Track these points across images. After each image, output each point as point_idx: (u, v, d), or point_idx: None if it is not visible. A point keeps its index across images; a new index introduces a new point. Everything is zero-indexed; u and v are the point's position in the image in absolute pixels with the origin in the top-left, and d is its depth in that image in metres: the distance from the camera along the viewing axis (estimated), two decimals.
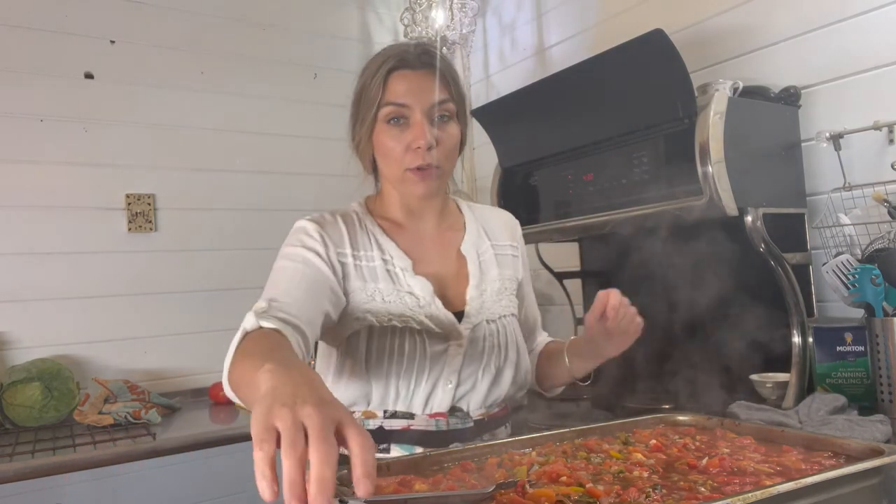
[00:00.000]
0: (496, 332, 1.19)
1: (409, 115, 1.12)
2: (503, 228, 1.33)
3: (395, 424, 1.12)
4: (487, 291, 1.22)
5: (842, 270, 1.46)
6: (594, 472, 0.87)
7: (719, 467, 0.87)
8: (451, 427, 1.12)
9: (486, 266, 1.25)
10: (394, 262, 1.17)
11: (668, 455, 0.94)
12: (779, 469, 0.85)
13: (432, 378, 1.12)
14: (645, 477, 0.85)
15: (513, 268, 1.30)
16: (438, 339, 1.13)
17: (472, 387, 1.15)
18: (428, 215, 1.24)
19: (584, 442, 1.02)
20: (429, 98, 1.11)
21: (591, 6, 2.37)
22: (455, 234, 1.27)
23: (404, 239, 1.21)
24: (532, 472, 0.86)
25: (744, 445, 0.97)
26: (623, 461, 0.91)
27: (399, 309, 1.13)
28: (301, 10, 2.78)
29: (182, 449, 1.82)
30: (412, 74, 1.12)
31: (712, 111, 1.46)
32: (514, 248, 1.33)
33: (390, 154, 1.13)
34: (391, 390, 1.11)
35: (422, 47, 1.16)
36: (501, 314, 1.22)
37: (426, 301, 1.15)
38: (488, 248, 1.27)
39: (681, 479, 0.83)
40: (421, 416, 1.12)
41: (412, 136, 1.11)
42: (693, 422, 1.12)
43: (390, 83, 1.12)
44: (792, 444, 0.96)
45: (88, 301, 2.29)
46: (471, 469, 0.90)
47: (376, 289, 1.14)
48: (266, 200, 2.59)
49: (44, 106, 2.26)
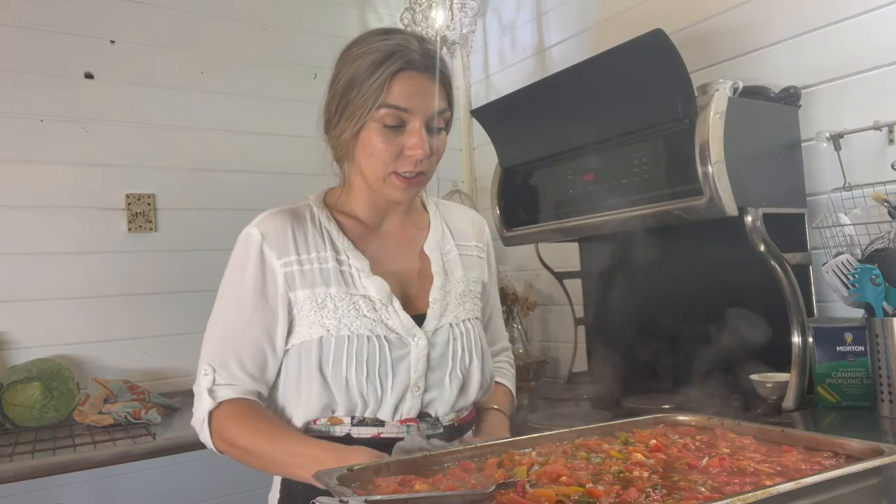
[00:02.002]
0: (460, 335, 1.15)
1: (408, 120, 1.07)
2: (469, 227, 1.29)
3: (364, 433, 1.08)
4: (451, 293, 1.18)
5: (842, 270, 1.46)
6: (594, 472, 0.87)
7: (719, 467, 0.86)
8: (423, 433, 1.09)
9: (451, 266, 1.21)
10: (349, 263, 1.12)
11: (668, 455, 0.94)
12: (779, 469, 0.85)
13: (399, 385, 1.08)
14: (645, 477, 0.84)
15: (478, 269, 1.26)
16: (398, 344, 1.09)
17: (440, 393, 1.12)
18: (393, 215, 1.21)
19: (584, 442, 1.01)
20: (431, 106, 1.07)
21: (591, 6, 2.37)
22: (418, 233, 1.23)
23: (363, 237, 1.17)
24: (532, 473, 0.86)
25: (744, 445, 0.97)
26: (623, 461, 0.91)
27: (351, 316, 1.08)
28: (301, 10, 2.78)
29: (182, 449, 1.81)
30: (418, 78, 1.06)
31: (712, 111, 1.46)
32: (479, 249, 1.29)
33: (378, 155, 1.08)
34: (356, 399, 1.07)
35: (424, 45, 1.09)
36: (465, 317, 1.18)
37: (382, 304, 1.10)
38: (452, 247, 1.23)
39: (681, 479, 0.83)
40: (391, 423, 1.08)
41: (409, 142, 1.06)
42: (693, 422, 1.12)
43: (394, 85, 1.05)
44: (792, 444, 0.96)
45: (88, 301, 2.29)
46: (471, 469, 0.90)
47: (327, 294, 1.09)
48: (266, 200, 2.53)
49: (44, 106, 2.25)
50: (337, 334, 1.07)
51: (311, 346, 1.08)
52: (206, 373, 1.10)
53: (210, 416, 1.08)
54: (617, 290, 2.01)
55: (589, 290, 2.21)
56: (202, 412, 1.09)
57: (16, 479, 1.57)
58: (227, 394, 1.09)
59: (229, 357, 1.10)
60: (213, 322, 1.13)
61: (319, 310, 1.09)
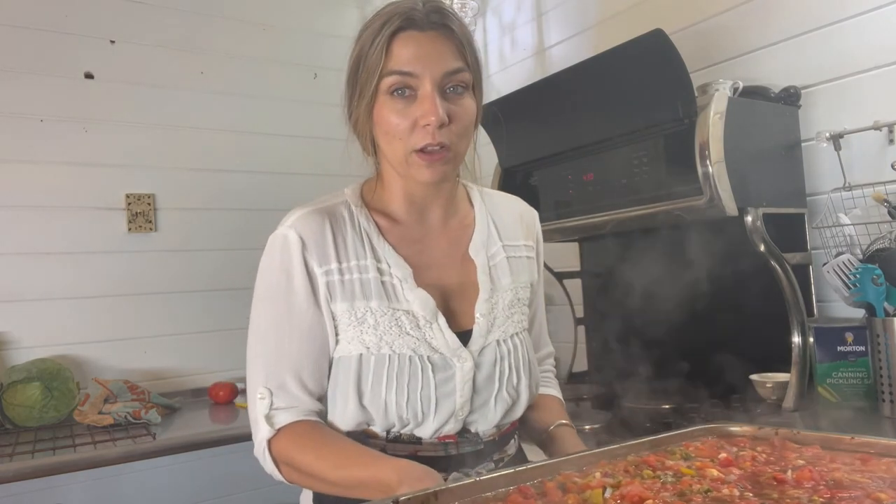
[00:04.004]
0: (507, 353, 1.05)
1: (416, 85, 0.94)
2: (517, 223, 1.16)
3: (400, 450, 0.99)
4: (499, 305, 1.07)
5: (843, 270, 1.46)
6: (676, 492, 0.79)
7: (812, 480, 0.79)
8: (462, 451, 1.01)
9: (498, 274, 1.09)
10: (391, 273, 1.02)
11: (743, 469, 0.86)
12: (879, 479, 0.79)
13: (442, 411, 0.99)
14: (737, 495, 0.76)
15: (528, 271, 1.14)
16: (442, 366, 1.00)
17: (483, 415, 1.02)
18: (433, 208, 1.07)
19: (644, 459, 0.91)
20: (441, 66, 0.94)
21: (591, 6, 2.37)
22: (463, 232, 1.10)
23: (404, 240, 1.05)
24: (609, 496, 0.77)
25: (817, 455, 0.90)
26: (700, 478, 0.82)
27: (393, 333, 0.99)
28: (301, 10, 2.78)
29: (182, 449, 1.81)
30: (420, 36, 0.95)
31: (712, 111, 1.46)
32: (529, 248, 1.16)
33: (393, 132, 0.96)
34: (394, 420, 0.98)
35: (432, 3, 0.97)
36: (514, 332, 1.08)
37: (426, 321, 1.00)
38: (499, 250, 1.11)
39: (782, 497, 0.76)
40: (429, 441, 1.00)
41: (420, 111, 0.94)
42: (746, 432, 1.04)
43: (394, 47, 0.94)
44: (867, 452, 0.89)
45: (88, 301, 2.29)
46: (531, 494, 0.80)
47: (367, 308, 0.99)
48: (266, 200, 2.58)
49: (44, 106, 2.25)
50: (377, 353, 0.98)
51: (349, 362, 0.99)
52: (263, 396, 0.99)
53: (269, 444, 0.98)
54: (617, 290, 2.01)
55: (589, 290, 2.21)
56: (261, 442, 0.99)
57: (16, 479, 1.58)
58: (286, 418, 0.98)
59: (286, 376, 0.99)
60: (262, 337, 1.01)
61: (359, 325, 0.99)
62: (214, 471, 2.31)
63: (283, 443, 0.97)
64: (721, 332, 1.63)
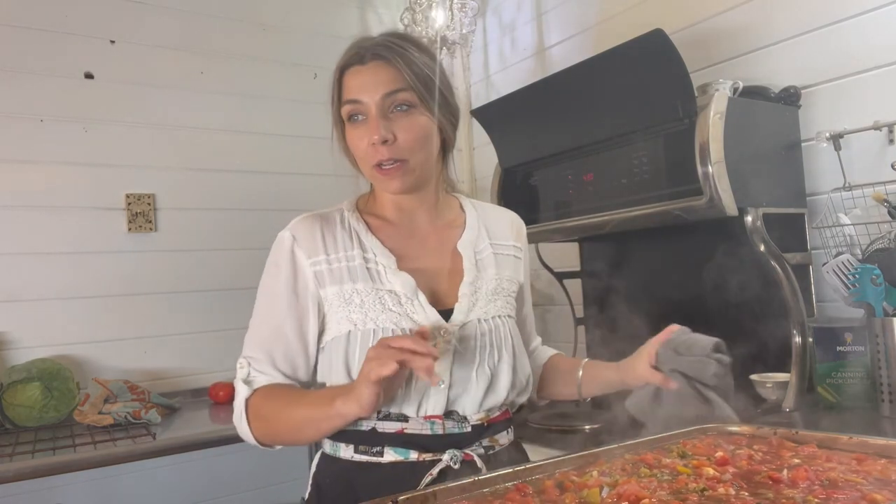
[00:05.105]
0: (488, 331, 1.13)
1: (365, 111, 1.09)
2: (507, 228, 1.28)
3: (389, 427, 1.08)
4: (482, 290, 1.16)
5: (842, 270, 1.46)
6: (672, 491, 0.79)
7: (807, 479, 0.79)
8: (448, 431, 1.08)
9: (483, 264, 1.20)
10: (376, 260, 1.14)
11: (738, 468, 0.87)
12: (873, 480, 0.79)
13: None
14: (733, 494, 0.77)
15: (513, 269, 1.24)
16: None
17: (465, 389, 1.09)
18: (419, 211, 1.20)
19: (641, 457, 0.93)
20: (380, 90, 1.08)
21: (591, 6, 2.37)
22: (453, 232, 1.22)
23: (392, 236, 1.17)
24: (606, 495, 0.78)
25: (812, 454, 0.91)
26: (696, 477, 0.83)
27: (377, 310, 1.10)
28: (301, 10, 2.78)
29: (182, 449, 1.81)
30: (363, 69, 1.10)
31: (712, 111, 1.46)
32: (517, 249, 1.27)
33: (356, 153, 1.13)
34: None
35: (383, 39, 1.11)
36: (495, 314, 1.16)
37: (407, 298, 1.10)
38: (487, 246, 1.22)
39: (777, 496, 0.76)
40: (415, 419, 1.07)
41: (367, 132, 1.09)
42: (745, 431, 1.05)
43: (345, 81, 1.11)
44: (864, 452, 0.90)
45: (88, 301, 2.29)
46: (530, 493, 0.82)
47: (354, 289, 1.11)
48: (266, 200, 2.58)
49: (44, 106, 2.25)
50: (363, 328, 1.09)
51: (340, 341, 1.10)
52: (242, 365, 1.15)
53: (247, 404, 1.11)
54: (617, 291, 2.01)
55: (589, 290, 2.21)
56: (240, 404, 1.12)
57: (16, 479, 1.58)
58: (263, 381, 1.13)
59: (262, 355, 1.14)
60: (252, 322, 1.17)
61: (347, 305, 1.11)
62: (214, 471, 2.31)
63: (257, 399, 1.11)
64: (721, 332, 1.63)
